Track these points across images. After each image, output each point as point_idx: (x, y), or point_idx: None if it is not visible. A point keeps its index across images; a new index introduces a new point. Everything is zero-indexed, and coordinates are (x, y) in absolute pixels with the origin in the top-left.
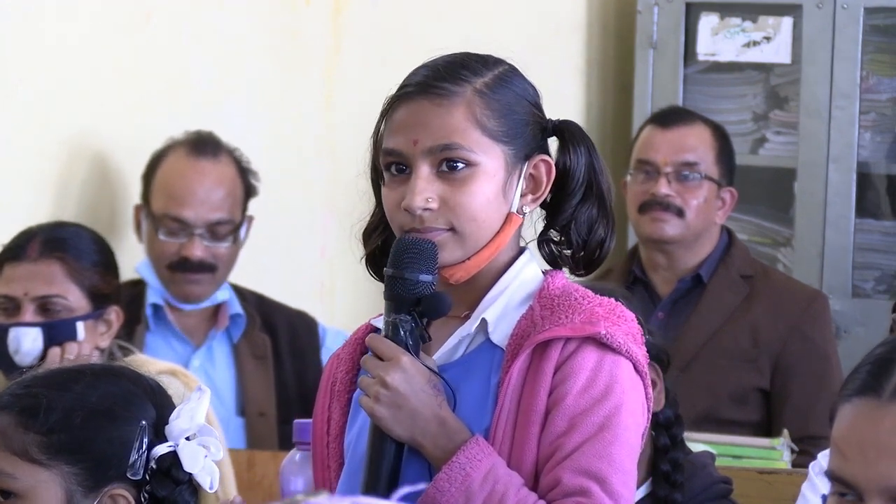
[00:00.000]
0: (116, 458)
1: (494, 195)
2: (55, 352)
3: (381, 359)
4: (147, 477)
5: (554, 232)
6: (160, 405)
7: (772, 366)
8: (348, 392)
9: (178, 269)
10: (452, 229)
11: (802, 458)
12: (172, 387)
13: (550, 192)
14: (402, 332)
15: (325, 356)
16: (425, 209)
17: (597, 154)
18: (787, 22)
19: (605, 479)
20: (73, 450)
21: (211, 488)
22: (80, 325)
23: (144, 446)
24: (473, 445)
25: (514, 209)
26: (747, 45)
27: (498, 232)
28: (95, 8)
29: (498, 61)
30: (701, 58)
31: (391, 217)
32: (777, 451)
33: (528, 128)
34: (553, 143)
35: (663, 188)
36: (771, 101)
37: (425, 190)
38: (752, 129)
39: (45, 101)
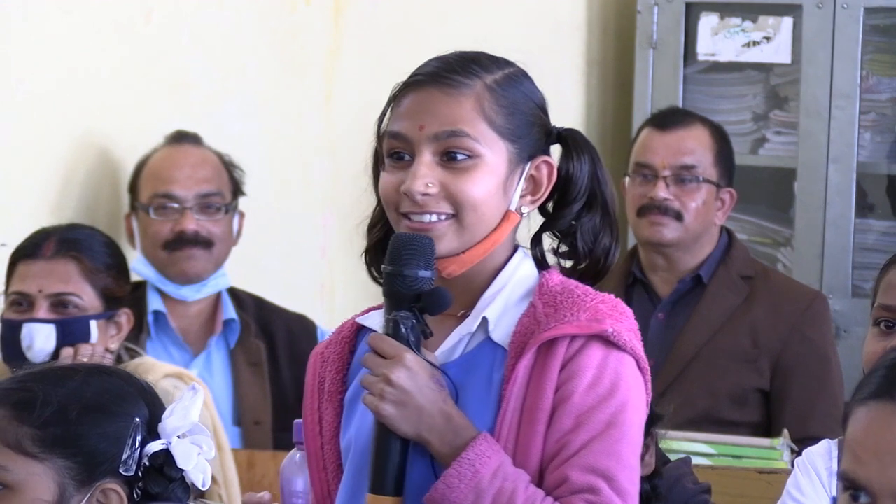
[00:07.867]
0: (110, 453)
1: (495, 189)
2: (68, 352)
3: (383, 357)
4: (140, 474)
5: (551, 237)
6: (152, 404)
7: (771, 366)
8: (340, 393)
9: (175, 247)
10: (453, 216)
11: None
12: (178, 389)
13: (551, 198)
14: (403, 329)
15: None
16: (425, 194)
17: (601, 163)
18: (787, 22)
19: (613, 477)
20: (67, 444)
21: (203, 486)
22: (93, 325)
23: (137, 443)
24: (482, 442)
25: (512, 207)
26: (747, 45)
27: (495, 228)
28: (95, 8)
29: (509, 63)
30: (701, 58)
31: (387, 201)
32: (777, 451)
33: (533, 129)
34: (556, 150)
35: (661, 192)
36: (771, 101)
37: (426, 175)
38: (752, 129)
39: (45, 101)
